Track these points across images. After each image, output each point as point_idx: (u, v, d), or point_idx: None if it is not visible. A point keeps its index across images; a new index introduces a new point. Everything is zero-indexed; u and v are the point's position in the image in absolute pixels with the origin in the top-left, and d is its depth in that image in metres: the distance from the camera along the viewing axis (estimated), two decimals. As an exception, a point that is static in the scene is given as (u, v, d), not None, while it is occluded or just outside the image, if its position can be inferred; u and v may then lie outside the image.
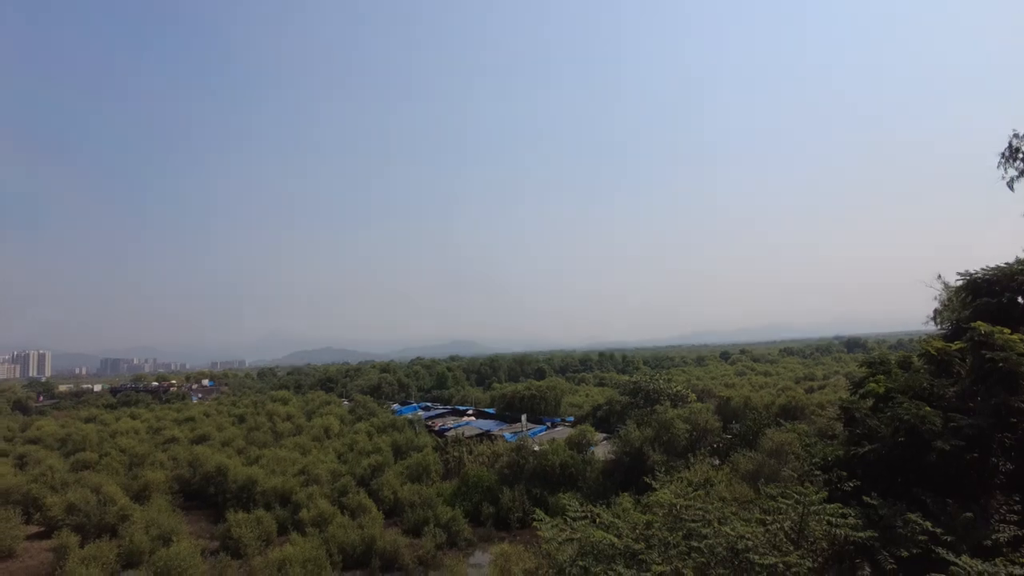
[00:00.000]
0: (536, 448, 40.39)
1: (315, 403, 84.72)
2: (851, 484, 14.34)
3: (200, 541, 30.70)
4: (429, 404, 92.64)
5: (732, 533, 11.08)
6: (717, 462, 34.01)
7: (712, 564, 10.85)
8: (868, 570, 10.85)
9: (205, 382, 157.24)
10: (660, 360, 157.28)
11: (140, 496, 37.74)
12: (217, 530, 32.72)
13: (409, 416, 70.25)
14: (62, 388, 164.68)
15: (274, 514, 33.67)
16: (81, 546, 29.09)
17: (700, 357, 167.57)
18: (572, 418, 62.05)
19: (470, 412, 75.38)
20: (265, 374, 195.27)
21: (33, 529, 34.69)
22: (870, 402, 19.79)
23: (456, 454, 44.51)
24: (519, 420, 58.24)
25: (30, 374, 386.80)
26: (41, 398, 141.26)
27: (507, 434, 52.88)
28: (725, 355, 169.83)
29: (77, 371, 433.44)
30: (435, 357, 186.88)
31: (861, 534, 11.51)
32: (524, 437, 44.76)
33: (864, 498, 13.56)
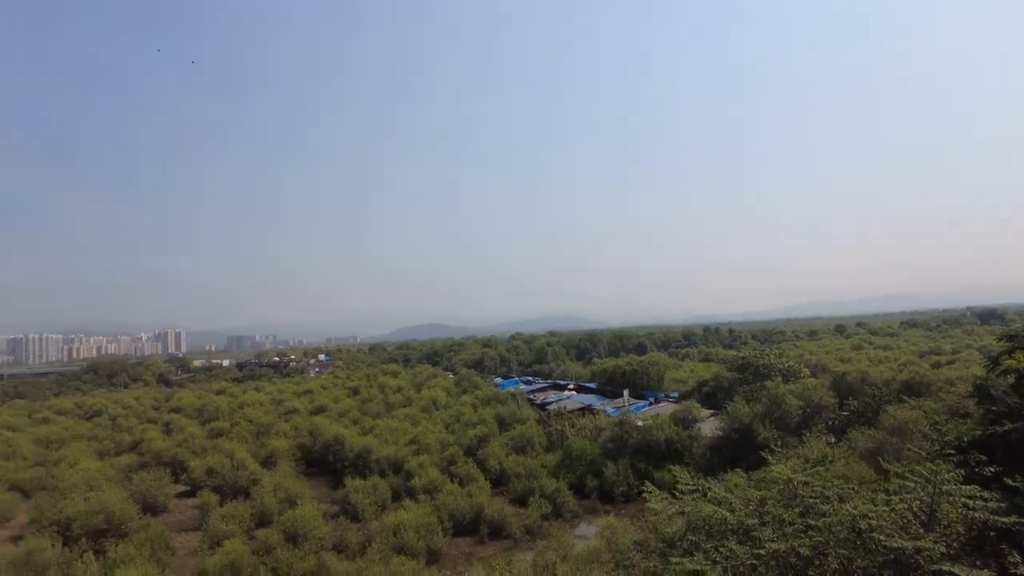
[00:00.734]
0: (639, 423, 40.03)
1: (423, 376, 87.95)
2: (991, 469, 13.17)
3: (322, 505, 32.81)
4: (530, 378, 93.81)
5: (854, 511, 10.51)
6: (833, 440, 32.34)
7: (831, 544, 10.37)
8: (1018, 558, 9.90)
9: (321, 357, 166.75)
10: (769, 334, 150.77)
11: (267, 462, 40.81)
12: (336, 495, 34.86)
13: (511, 389, 71.51)
14: (196, 363, 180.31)
15: (388, 481, 35.45)
16: (220, 505, 31.96)
17: (812, 331, 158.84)
18: (676, 394, 60.90)
19: (571, 386, 75.69)
20: (376, 349, 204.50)
21: (180, 488, 38.39)
22: (1010, 379, 18.08)
23: (558, 427, 44.92)
24: (621, 395, 57.86)
25: (169, 350, 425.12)
26: (179, 372, 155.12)
27: (609, 409, 52.71)
28: (840, 328, 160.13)
29: (207, 348, 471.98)
30: (534, 333, 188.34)
31: (1006, 519, 10.57)
32: (627, 412, 44.46)
33: (1007, 480, 12.44)
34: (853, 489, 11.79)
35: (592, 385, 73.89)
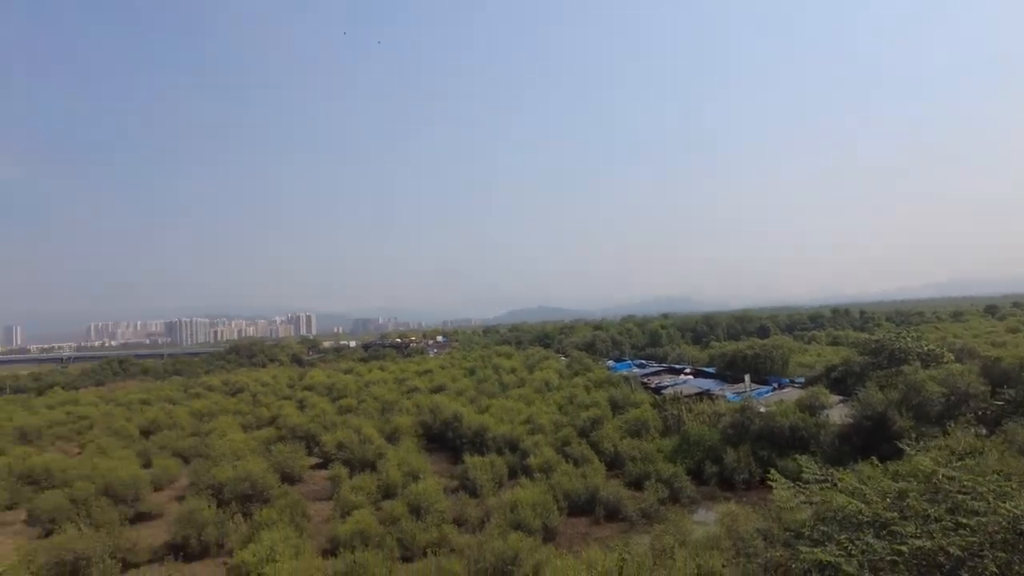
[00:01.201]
0: (762, 409, 38.36)
1: (535, 358, 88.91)
2: None
3: (442, 480, 34.06)
4: (643, 361, 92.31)
5: (1015, 511, 9.50)
6: (984, 432, 29.41)
7: (986, 545, 9.45)
8: None
9: (439, 338, 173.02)
10: (905, 315, 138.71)
11: (391, 437, 42.96)
12: (456, 470, 36.09)
13: (624, 373, 70.74)
14: (325, 344, 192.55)
15: (504, 459, 36.25)
16: (349, 477, 34.08)
17: (957, 311, 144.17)
18: (802, 379, 57.71)
19: (687, 371, 73.71)
20: (489, 331, 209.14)
21: (313, 461, 41.32)
22: None
23: (675, 411, 43.96)
24: (742, 380, 55.62)
25: (300, 333, 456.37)
26: (311, 353, 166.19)
27: (729, 394, 50.90)
28: (991, 309, 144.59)
29: (335, 330, 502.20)
30: (646, 315, 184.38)
31: None
32: (748, 397, 42.71)
33: None
34: (1012, 487, 10.65)
35: (710, 369, 71.55)
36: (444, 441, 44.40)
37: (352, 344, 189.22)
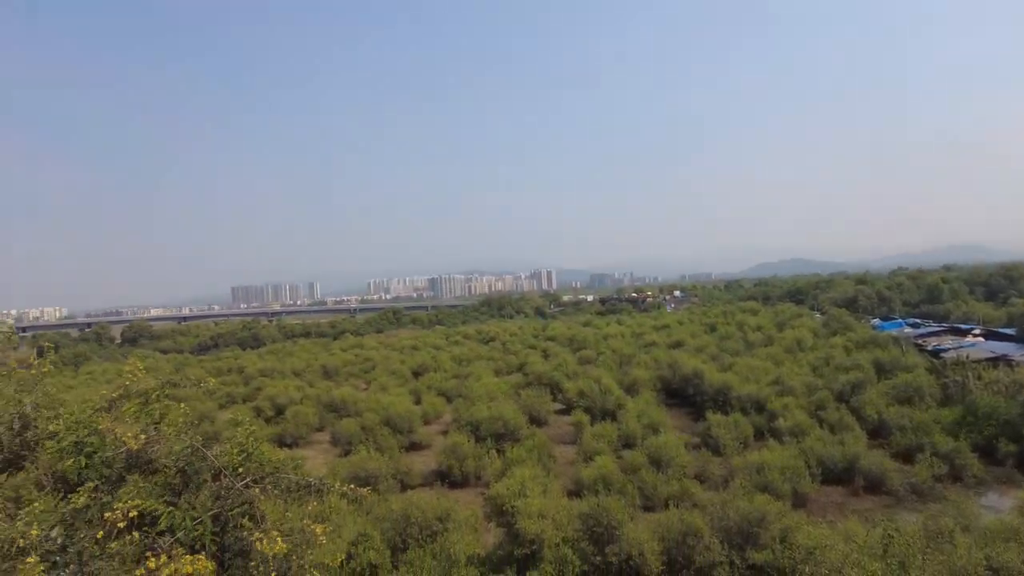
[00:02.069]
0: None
1: (785, 315, 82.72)
2: None
3: (682, 435, 33.68)
4: (918, 320, 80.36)
5: None
6: None
7: None
8: None
9: (676, 293, 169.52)
10: None
11: (630, 390, 43.44)
12: (697, 427, 35.43)
13: (893, 332, 62.51)
14: (565, 298, 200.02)
15: (749, 419, 34.62)
16: (591, 424, 35.40)
17: None
18: None
19: (976, 331, 62.60)
20: (732, 286, 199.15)
21: (557, 406, 43.60)
22: None
23: (958, 378, 37.82)
24: (1054, 344, 45.81)
25: (542, 287, 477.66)
26: (552, 306, 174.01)
27: (1035, 360, 42.33)
28: None
29: (574, 284, 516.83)
30: (921, 267, 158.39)
31: None
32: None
33: None
34: None
35: (1009, 331, 60.01)
36: (684, 397, 43.76)
37: (589, 298, 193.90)
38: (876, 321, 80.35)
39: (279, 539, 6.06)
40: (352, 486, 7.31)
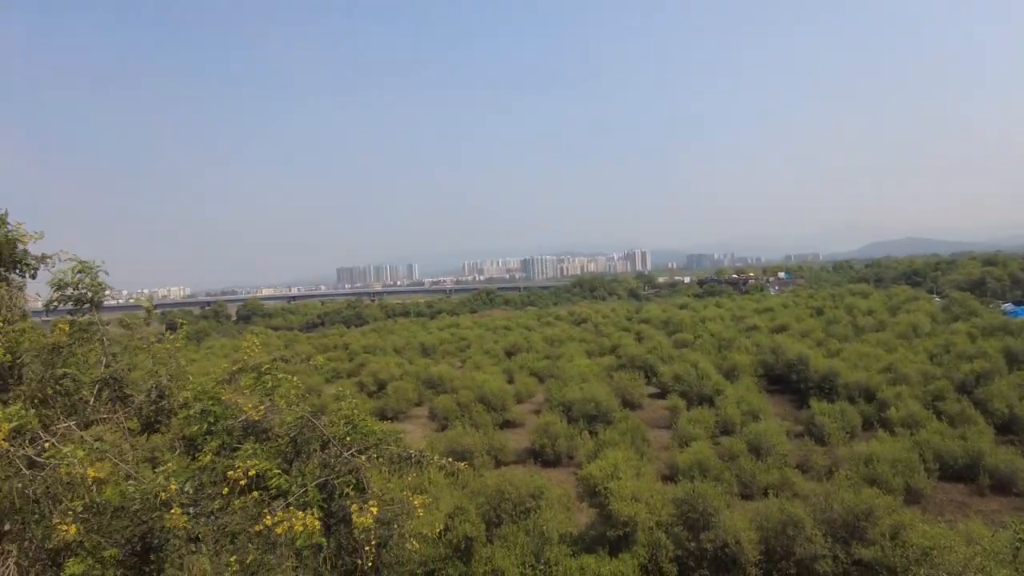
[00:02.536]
0: None
1: (899, 298, 77.40)
2: None
3: (783, 423, 32.46)
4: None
5: None
6: None
7: None
8: None
9: (780, 275, 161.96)
10: None
11: (729, 375, 42.13)
12: (800, 415, 34.00)
13: (1029, 319, 57.02)
14: (660, 280, 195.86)
15: (857, 408, 32.82)
16: (687, 409, 34.69)
17: None
18: None
19: None
20: (841, 267, 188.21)
21: (651, 390, 43.01)
22: None
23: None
24: None
25: (636, 269, 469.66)
26: (646, 288, 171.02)
27: None
28: None
29: (669, 265, 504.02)
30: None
31: None
32: None
33: None
34: None
35: None
36: (786, 383, 42.02)
37: (686, 280, 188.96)
38: (1008, 306, 73.60)
39: (374, 510, 6.39)
40: (450, 459, 7.58)
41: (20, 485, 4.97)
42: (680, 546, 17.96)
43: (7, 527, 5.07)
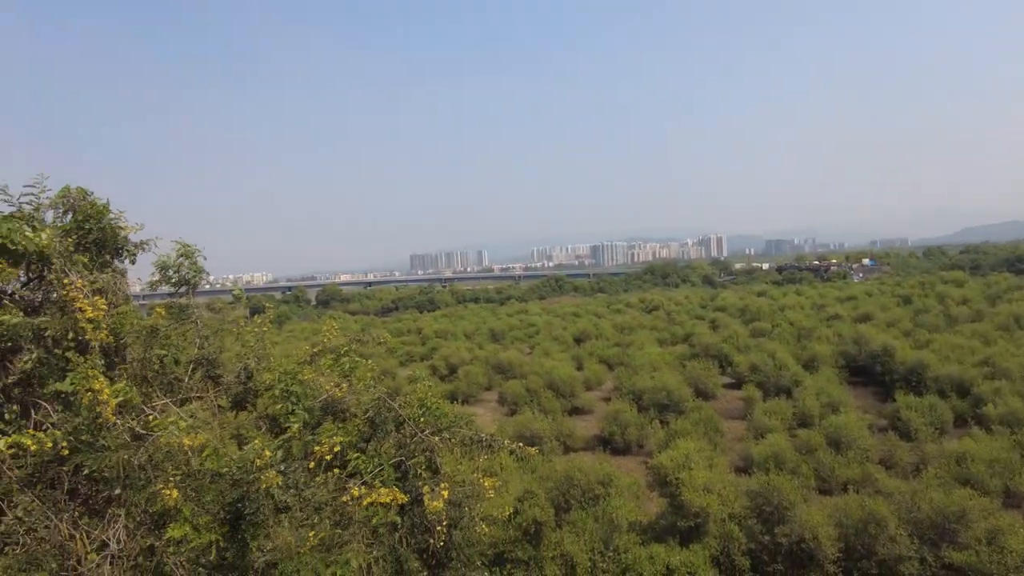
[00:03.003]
0: None
1: (999, 287, 72.23)
2: None
3: (866, 417, 31.03)
4: None
5: None
6: None
7: None
8: None
9: (865, 261, 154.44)
10: None
11: (808, 365, 40.59)
12: (884, 409, 32.46)
13: None
14: (737, 266, 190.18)
15: (949, 403, 31.00)
16: (763, 400, 33.72)
17: None
18: None
19: None
20: (932, 253, 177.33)
21: (726, 380, 41.98)
22: None
23: None
24: None
25: (711, 255, 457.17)
26: (722, 274, 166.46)
27: None
28: None
29: (746, 251, 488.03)
30: None
31: None
32: None
33: None
34: None
35: None
36: (870, 376, 40.18)
37: (764, 266, 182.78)
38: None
39: (445, 494, 6.56)
40: (520, 444, 7.68)
41: (127, 455, 5.45)
42: (753, 539, 17.62)
43: (117, 491, 5.55)
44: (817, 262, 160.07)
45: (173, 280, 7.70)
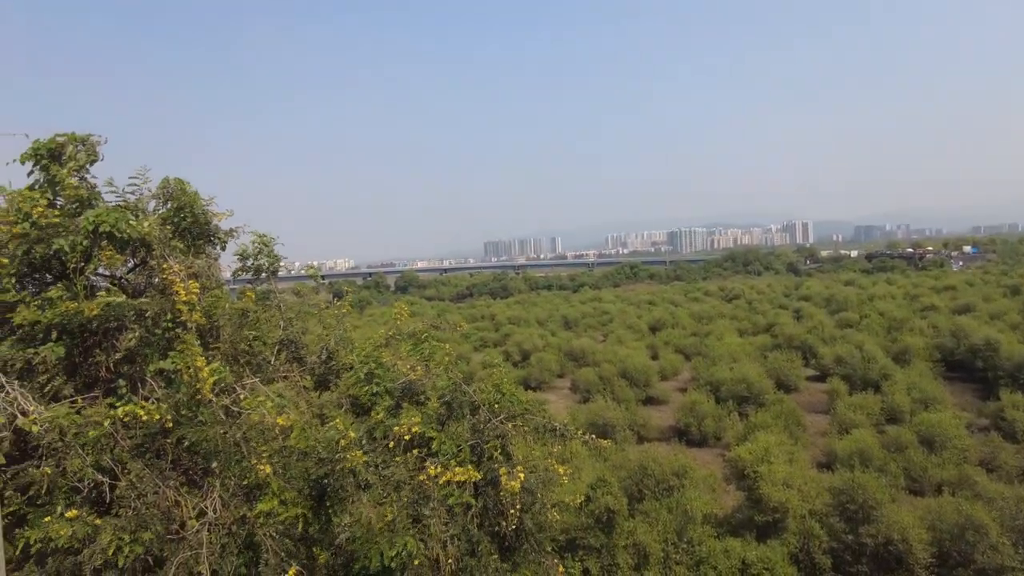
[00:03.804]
0: None
1: None
2: None
3: (964, 415, 29.15)
4: None
5: None
6: None
7: None
8: None
9: (966, 248, 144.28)
10: None
11: (899, 359, 38.43)
12: (985, 407, 30.35)
13: None
14: (823, 253, 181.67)
15: (1063, 403, 28.70)
16: (849, 394, 32.20)
17: None
18: None
19: None
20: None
21: (809, 372, 40.34)
22: None
23: None
24: None
25: (796, 241, 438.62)
26: (807, 262, 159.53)
27: None
28: None
29: (834, 238, 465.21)
30: None
31: None
32: None
33: None
34: None
35: None
36: (969, 371, 37.73)
37: (853, 254, 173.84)
38: None
39: (521, 476, 6.66)
40: (593, 436, 7.68)
41: (223, 430, 5.86)
42: (836, 538, 16.99)
43: (213, 464, 5.97)
44: (911, 249, 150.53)
45: (251, 268, 8.24)
